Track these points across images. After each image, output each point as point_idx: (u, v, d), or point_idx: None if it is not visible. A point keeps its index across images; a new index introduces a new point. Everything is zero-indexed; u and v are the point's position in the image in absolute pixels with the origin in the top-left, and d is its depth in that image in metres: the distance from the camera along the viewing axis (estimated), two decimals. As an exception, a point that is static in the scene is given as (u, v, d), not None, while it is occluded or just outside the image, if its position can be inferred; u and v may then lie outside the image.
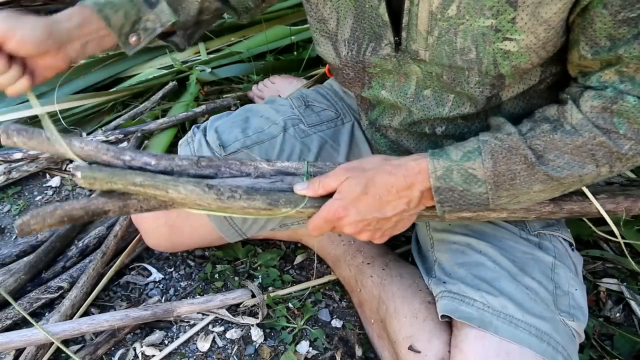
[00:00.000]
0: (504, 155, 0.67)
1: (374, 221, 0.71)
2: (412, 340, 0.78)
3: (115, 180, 0.67)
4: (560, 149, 0.67)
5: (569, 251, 0.84)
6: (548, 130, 0.67)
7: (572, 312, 0.76)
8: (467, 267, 0.80)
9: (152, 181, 0.68)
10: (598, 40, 0.64)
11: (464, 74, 0.71)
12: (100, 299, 1.05)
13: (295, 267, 1.12)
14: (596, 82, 0.67)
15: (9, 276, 1.02)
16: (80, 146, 0.70)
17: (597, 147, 0.66)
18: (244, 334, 0.99)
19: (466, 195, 0.69)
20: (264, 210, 0.71)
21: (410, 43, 0.71)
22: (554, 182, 0.68)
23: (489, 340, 0.71)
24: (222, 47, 1.72)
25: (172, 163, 0.73)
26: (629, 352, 0.97)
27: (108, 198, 0.71)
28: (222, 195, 0.69)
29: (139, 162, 0.72)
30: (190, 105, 1.48)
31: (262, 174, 0.75)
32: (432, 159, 0.69)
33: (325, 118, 0.99)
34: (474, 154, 0.68)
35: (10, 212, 1.26)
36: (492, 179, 0.68)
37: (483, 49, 0.67)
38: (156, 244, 1.00)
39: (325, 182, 0.70)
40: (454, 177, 0.68)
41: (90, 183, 0.67)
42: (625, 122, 0.65)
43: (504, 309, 0.73)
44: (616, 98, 0.65)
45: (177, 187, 0.68)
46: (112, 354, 0.96)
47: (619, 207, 0.81)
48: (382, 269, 0.94)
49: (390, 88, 0.80)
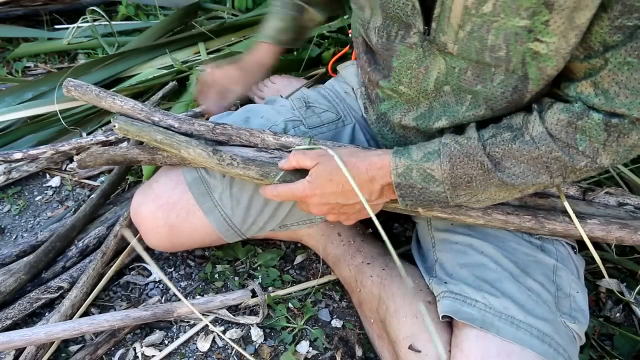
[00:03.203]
0: (462, 159, 0.70)
1: (338, 206, 0.78)
2: (412, 339, 0.78)
3: (142, 135, 0.85)
4: (517, 158, 0.69)
5: (572, 254, 0.84)
6: (508, 140, 0.70)
7: (573, 315, 0.76)
8: (469, 268, 0.80)
9: (169, 140, 0.84)
10: (593, 44, 0.64)
11: (489, 71, 0.71)
12: (100, 299, 1.05)
13: (295, 267, 1.12)
14: (573, 91, 0.68)
15: (9, 276, 1.02)
16: (121, 105, 0.89)
17: (552, 160, 0.68)
18: (244, 334, 0.99)
19: (425, 193, 0.74)
20: (256, 180, 0.83)
21: (439, 34, 0.71)
22: (508, 187, 0.71)
23: (490, 341, 0.71)
24: (222, 47, 1.72)
25: (192, 127, 0.88)
26: (629, 352, 0.97)
27: (141, 150, 0.92)
28: (223, 162, 0.83)
29: (165, 123, 0.88)
30: (191, 105, 1.48)
31: (267, 145, 0.88)
32: (394, 157, 0.74)
33: (326, 120, 0.99)
34: (433, 155, 0.72)
35: (10, 212, 1.26)
36: (449, 180, 0.71)
37: (514, 48, 0.67)
38: (156, 244, 1.00)
39: (300, 158, 0.79)
40: (413, 175, 0.73)
41: (124, 133, 0.86)
42: (586, 140, 0.66)
43: (505, 310, 0.73)
44: (582, 114, 0.66)
45: (187, 149, 0.84)
46: (112, 354, 0.96)
47: (609, 236, 0.79)
48: (382, 269, 0.94)
49: (408, 84, 0.80)
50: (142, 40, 1.74)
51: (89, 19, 1.82)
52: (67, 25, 1.89)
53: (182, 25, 1.82)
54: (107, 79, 1.59)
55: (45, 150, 1.29)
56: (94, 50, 1.84)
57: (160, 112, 0.89)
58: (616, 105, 0.64)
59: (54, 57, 1.84)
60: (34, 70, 1.80)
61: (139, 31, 1.91)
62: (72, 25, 1.84)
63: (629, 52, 0.61)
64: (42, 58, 1.85)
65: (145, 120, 0.88)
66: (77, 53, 1.86)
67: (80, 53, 1.86)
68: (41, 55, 1.85)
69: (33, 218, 1.25)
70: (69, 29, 1.85)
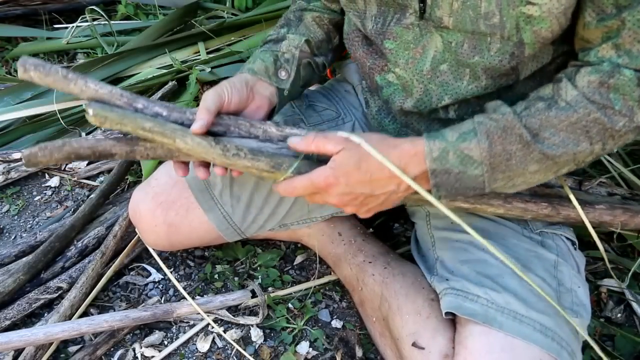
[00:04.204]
0: (500, 135, 0.67)
1: (362, 197, 0.71)
2: (415, 336, 0.78)
3: (125, 122, 0.68)
4: (556, 126, 0.67)
5: (572, 250, 0.84)
6: (543, 109, 0.68)
7: (575, 309, 0.76)
8: (470, 264, 0.80)
9: (161, 128, 0.69)
10: (605, 7, 0.64)
11: (485, 41, 0.71)
12: (99, 299, 1.04)
13: (295, 268, 1.12)
14: (594, 57, 0.67)
15: (8, 276, 1.02)
16: (95, 88, 0.70)
17: (591, 123, 0.66)
18: (243, 334, 0.98)
19: (462, 178, 0.69)
20: (266, 172, 0.72)
21: (434, 10, 0.72)
22: (548, 161, 0.68)
23: (493, 336, 0.71)
24: (221, 46, 1.72)
25: (183, 116, 0.73)
26: (630, 352, 0.97)
27: (116, 141, 0.73)
28: (228, 152, 0.71)
29: (150, 111, 0.72)
30: (190, 105, 1.48)
31: (269, 137, 0.76)
32: (428, 140, 0.69)
33: (326, 117, 0.99)
34: (469, 134, 0.68)
35: (9, 212, 1.26)
36: (489, 159, 0.68)
37: (507, 12, 0.67)
38: (154, 242, 0.99)
39: (322, 142, 0.70)
40: (450, 158, 0.68)
41: (100, 121, 0.68)
42: (621, 98, 0.65)
43: (508, 304, 0.73)
44: (613, 72, 0.65)
45: (184, 138, 0.70)
46: (111, 354, 0.96)
47: (615, 220, 0.82)
48: (383, 268, 0.94)
49: (404, 65, 0.80)
50: (141, 40, 1.73)
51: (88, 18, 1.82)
52: (66, 24, 1.88)
53: (181, 25, 1.82)
54: (107, 78, 1.59)
55: (44, 150, 1.29)
56: (93, 49, 1.84)
57: (144, 98, 0.73)
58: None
59: (53, 57, 1.84)
60: (33, 70, 1.79)
61: (139, 31, 1.91)
62: (71, 24, 1.84)
63: None
64: (41, 57, 1.84)
65: (127, 108, 0.71)
66: (76, 52, 1.86)
67: (80, 52, 1.86)
68: (40, 54, 1.84)
69: (32, 218, 1.25)
70: (68, 29, 1.85)
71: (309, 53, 0.91)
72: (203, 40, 1.72)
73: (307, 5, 0.96)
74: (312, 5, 0.96)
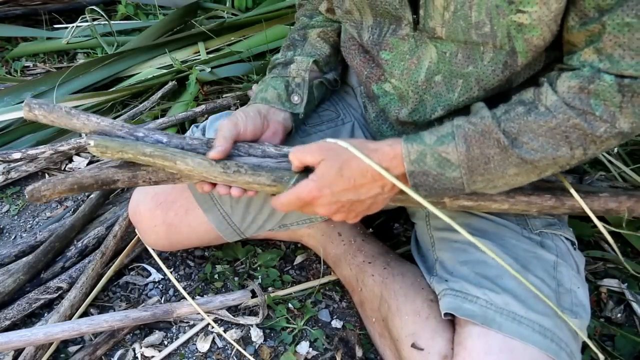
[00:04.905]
0: (477, 139, 0.67)
1: (348, 203, 0.73)
2: (414, 337, 0.78)
3: (126, 150, 0.72)
4: (535, 131, 0.67)
5: (571, 250, 0.84)
6: (522, 113, 0.67)
7: (574, 310, 0.76)
8: (469, 265, 0.79)
9: (162, 152, 0.73)
10: (587, 11, 0.64)
11: (478, 50, 0.72)
12: (99, 299, 1.04)
13: (295, 268, 1.12)
14: (577, 61, 0.67)
15: (8, 276, 1.02)
16: (97, 122, 0.75)
17: (571, 129, 0.66)
18: (243, 334, 0.98)
19: (441, 180, 0.70)
20: (267, 187, 0.74)
21: (427, 20, 0.72)
22: (528, 165, 0.68)
23: (492, 337, 0.71)
24: (221, 46, 1.72)
25: (183, 142, 0.76)
26: (630, 352, 0.96)
27: (118, 168, 0.77)
28: (229, 169, 0.73)
29: (150, 139, 0.75)
30: (190, 105, 1.48)
31: (269, 155, 0.78)
32: (406, 143, 0.70)
33: (325, 118, 0.99)
34: (447, 138, 0.68)
35: (9, 212, 1.26)
36: (466, 163, 0.68)
37: (497, 21, 0.67)
38: (154, 242, 1.00)
39: (301, 154, 0.72)
40: (427, 160, 0.69)
41: (102, 151, 0.72)
42: (601, 104, 0.64)
43: (506, 305, 0.73)
44: (593, 77, 0.64)
45: (185, 159, 0.73)
46: (111, 354, 0.96)
47: (621, 206, 0.80)
48: (383, 268, 0.94)
49: (399, 76, 0.80)
50: (141, 40, 1.74)
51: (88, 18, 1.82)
52: (66, 24, 1.88)
53: (181, 25, 1.82)
54: (106, 78, 1.59)
55: (44, 150, 1.29)
56: (93, 49, 1.84)
57: (144, 128, 0.77)
58: (623, 67, 0.63)
59: (53, 57, 1.84)
60: (33, 70, 1.80)
61: (139, 31, 1.91)
62: (71, 24, 1.84)
63: (626, 12, 0.61)
64: (41, 57, 1.84)
65: (127, 137, 0.75)
66: (76, 52, 1.86)
67: (80, 52, 1.86)
68: (40, 54, 1.85)
69: (32, 218, 1.25)
70: (68, 29, 1.85)
71: (318, 72, 0.93)
72: (203, 40, 1.72)
73: (309, 21, 0.97)
74: (315, 21, 0.97)
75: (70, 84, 1.53)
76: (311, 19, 0.98)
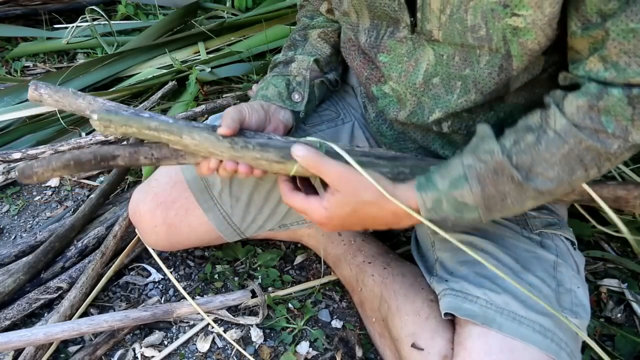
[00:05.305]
0: (491, 178, 0.67)
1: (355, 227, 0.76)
2: (414, 337, 0.78)
3: (130, 124, 0.69)
4: (548, 161, 0.66)
5: (571, 250, 0.84)
6: (532, 143, 0.66)
7: (574, 310, 0.76)
8: (469, 265, 0.79)
9: (167, 126, 0.69)
10: (589, 16, 0.63)
11: (475, 53, 0.72)
12: (99, 299, 1.04)
13: (295, 268, 1.12)
14: (582, 70, 0.65)
15: (8, 276, 1.02)
16: (102, 102, 0.75)
17: (584, 151, 0.65)
18: (243, 334, 0.98)
19: (459, 222, 0.70)
20: (276, 163, 0.71)
21: (425, 23, 0.73)
22: (545, 195, 0.68)
23: (492, 337, 0.71)
24: (221, 46, 1.72)
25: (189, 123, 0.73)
26: (630, 352, 0.96)
27: (118, 145, 0.73)
28: (236, 145, 0.70)
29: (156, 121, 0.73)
30: (190, 105, 1.48)
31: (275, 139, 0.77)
32: (419, 193, 0.69)
33: (325, 118, 0.99)
34: (460, 181, 0.67)
35: (9, 212, 1.26)
36: (483, 203, 0.68)
37: (492, 25, 0.67)
38: (154, 243, 1.00)
39: (320, 169, 0.70)
40: (444, 207, 0.69)
41: (105, 125, 0.69)
42: (613, 120, 0.63)
43: (507, 305, 0.73)
44: (600, 94, 0.63)
45: (191, 133, 0.70)
46: (111, 354, 0.96)
47: (630, 194, 0.78)
48: (383, 268, 0.94)
49: (397, 79, 0.80)
50: (141, 40, 1.74)
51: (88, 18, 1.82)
52: (66, 24, 1.88)
53: (181, 25, 1.83)
54: (107, 78, 1.59)
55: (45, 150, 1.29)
56: (93, 49, 1.84)
57: (148, 112, 0.74)
58: (629, 75, 0.61)
59: (53, 57, 1.84)
60: (33, 70, 1.80)
61: (139, 31, 1.91)
62: (71, 24, 1.84)
63: (630, 17, 0.59)
64: (41, 57, 1.84)
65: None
66: (76, 52, 1.86)
67: (80, 52, 1.86)
68: (40, 54, 1.85)
69: (32, 218, 1.25)
70: (68, 29, 1.85)
71: (319, 72, 0.93)
72: (203, 40, 1.72)
73: (310, 22, 0.98)
74: (315, 21, 0.97)
75: (70, 84, 1.53)
76: (312, 19, 0.98)
